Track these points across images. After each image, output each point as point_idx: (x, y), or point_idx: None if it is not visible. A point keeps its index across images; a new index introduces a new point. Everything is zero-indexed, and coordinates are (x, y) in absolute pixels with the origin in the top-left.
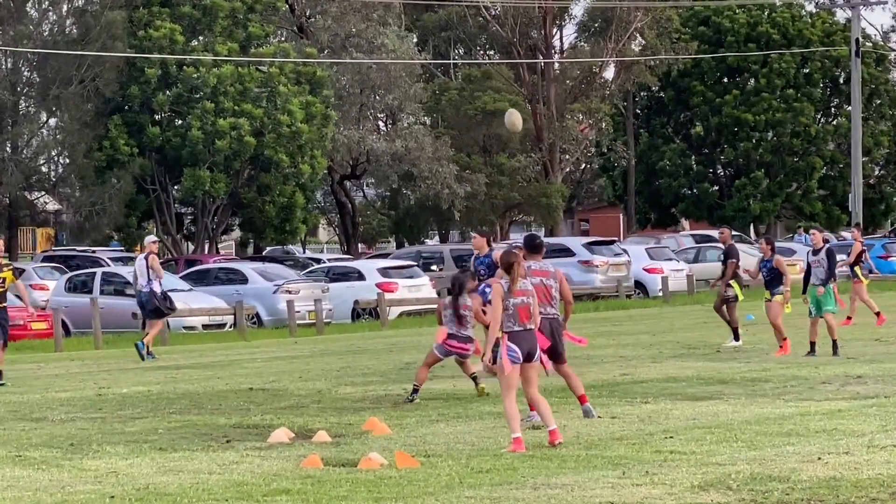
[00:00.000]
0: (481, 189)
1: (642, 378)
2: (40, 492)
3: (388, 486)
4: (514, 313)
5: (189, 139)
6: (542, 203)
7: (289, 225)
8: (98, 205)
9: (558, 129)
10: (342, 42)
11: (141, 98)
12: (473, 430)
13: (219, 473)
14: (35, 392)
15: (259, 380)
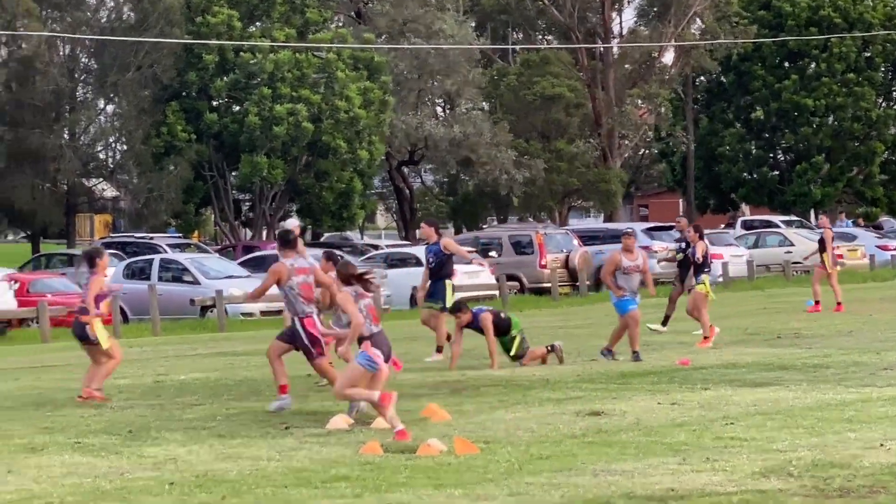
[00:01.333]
0: (540, 175)
1: (702, 364)
2: (99, 478)
3: (448, 473)
4: (367, 315)
5: (246, 125)
6: (601, 189)
7: (346, 211)
8: (156, 191)
9: (617, 115)
10: (400, 27)
11: (199, 84)
12: (533, 417)
13: (278, 460)
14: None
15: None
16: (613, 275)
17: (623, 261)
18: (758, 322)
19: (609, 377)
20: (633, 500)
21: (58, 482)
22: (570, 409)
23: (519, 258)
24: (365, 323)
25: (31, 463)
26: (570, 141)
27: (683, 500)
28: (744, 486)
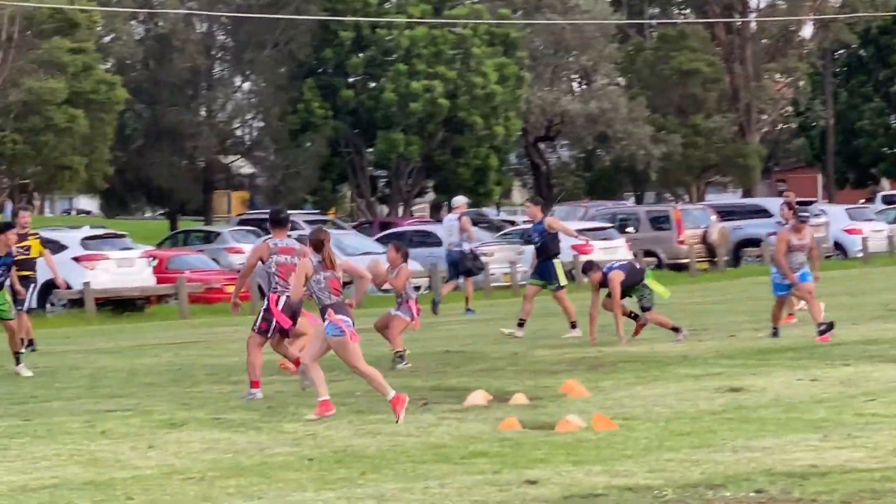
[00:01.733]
0: (677, 150)
1: (842, 340)
2: (239, 454)
3: (587, 449)
4: (326, 286)
5: (383, 101)
6: (739, 164)
7: (483, 187)
8: (292, 168)
9: (755, 89)
10: (536, 3)
11: (335, 61)
12: (671, 393)
13: (416, 436)
14: (232, 355)
15: (455, 342)
16: (785, 255)
17: (792, 239)
18: None
19: (747, 353)
20: (773, 476)
21: (198, 457)
22: (708, 385)
23: (656, 234)
24: (324, 295)
25: (172, 438)
26: (708, 116)
27: (824, 478)
28: (887, 463)
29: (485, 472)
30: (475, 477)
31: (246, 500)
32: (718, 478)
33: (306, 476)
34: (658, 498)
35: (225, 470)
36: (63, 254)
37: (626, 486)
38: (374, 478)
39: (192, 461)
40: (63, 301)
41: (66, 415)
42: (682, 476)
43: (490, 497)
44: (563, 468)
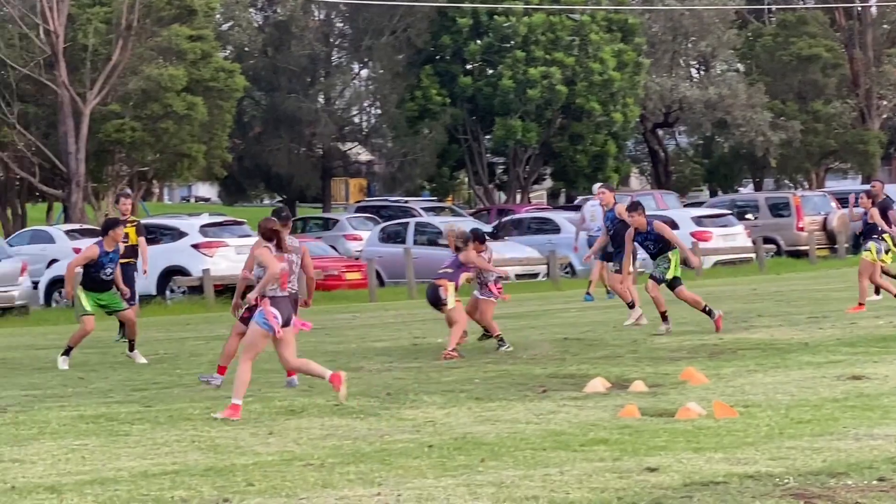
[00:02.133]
0: (796, 136)
1: None
2: (359, 441)
3: (707, 437)
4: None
5: (500, 88)
6: (859, 150)
7: (601, 174)
8: (410, 155)
9: (875, 75)
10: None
11: (453, 48)
12: (792, 381)
13: (535, 423)
14: (351, 342)
15: (573, 329)
16: None
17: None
18: None
19: (869, 341)
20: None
21: (318, 444)
22: (830, 372)
23: (776, 221)
24: (278, 276)
25: (292, 425)
26: (827, 101)
27: None
28: None
29: (604, 459)
30: (595, 464)
31: (366, 487)
32: (841, 466)
33: (426, 463)
34: (779, 486)
35: (345, 456)
36: (182, 241)
37: (747, 473)
38: (493, 465)
39: (312, 447)
40: (182, 288)
41: (186, 401)
42: (804, 464)
43: (610, 484)
44: (684, 455)
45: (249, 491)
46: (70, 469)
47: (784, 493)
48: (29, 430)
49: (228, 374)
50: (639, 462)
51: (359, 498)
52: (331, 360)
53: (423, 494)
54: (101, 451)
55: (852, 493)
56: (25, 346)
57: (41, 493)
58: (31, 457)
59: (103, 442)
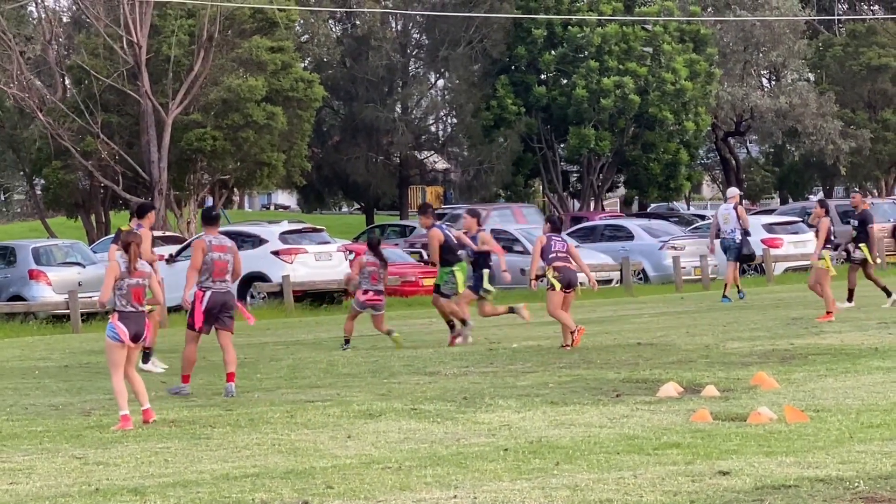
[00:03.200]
0: (866, 144)
1: None
2: (435, 444)
3: (778, 441)
4: (127, 293)
5: (574, 98)
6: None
7: (673, 182)
8: (486, 163)
9: None
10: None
11: (527, 58)
12: (863, 385)
13: (609, 427)
14: (428, 347)
15: (647, 335)
16: None
17: None
18: None
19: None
20: None
21: (395, 447)
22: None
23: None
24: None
25: (370, 429)
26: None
27: None
28: None
29: (677, 462)
30: (668, 468)
31: (443, 490)
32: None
33: (501, 466)
34: (850, 489)
35: (422, 459)
36: (262, 248)
37: (818, 477)
38: (568, 468)
39: (389, 451)
40: (263, 294)
41: (266, 405)
42: (874, 468)
43: (682, 487)
44: (755, 459)
45: (329, 493)
46: (153, 471)
47: (854, 497)
48: (112, 433)
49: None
50: (711, 466)
51: (435, 500)
52: (407, 364)
53: (499, 498)
54: (183, 453)
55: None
56: None
57: (124, 496)
58: (114, 459)
59: (185, 445)
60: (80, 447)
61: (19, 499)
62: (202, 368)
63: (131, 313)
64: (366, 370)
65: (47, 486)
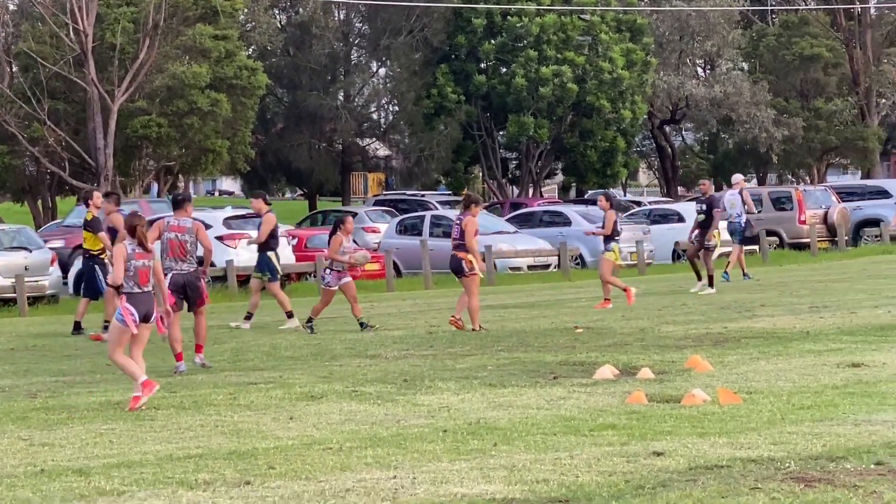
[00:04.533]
0: (798, 133)
1: None
2: (376, 425)
3: (712, 422)
4: (134, 275)
5: (513, 86)
6: (859, 146)
7: (610, 169)
8: (426, 150)
9: (875, 73)
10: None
11: (467, 47)
12: (794, 368)
13: (546, 409)
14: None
15: (583, 318)
16: None
17: None
18: None
19: (868, 330)
20: (894, 449)
21: (336, 429)
22: (830, 360)
23: (779, 214)
24: (123, 279)
25: (311, 410)
26: (828, 100)
27: None
28: None
29: (613, 443)
30: (604, 448)
31: (383, 470)
32: (840, 450)
33: (441, 447)
34: (781, 469)
35: (362, 440)
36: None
37: (750, 457)
38: (505, 449)
39: (330, 432)
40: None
41: (210, 387)
42: (805, 448)
43: (618, 468)
44: (689, 440)
45: (271, 474)
46: (98, 452)
47: (785, 477)
48: (58, 414)
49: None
50: (646, 446)
51: (376, 480)
52: (349, 347)
53: (438, 477)
54: (127, 435)
55: (851, 477)
56: (55, 334)
57: (70, 476)
58: (60, 441)
59: (130, 427)
60: (26, 429)
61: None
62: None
63: (139, 294)
64: (308, 353)
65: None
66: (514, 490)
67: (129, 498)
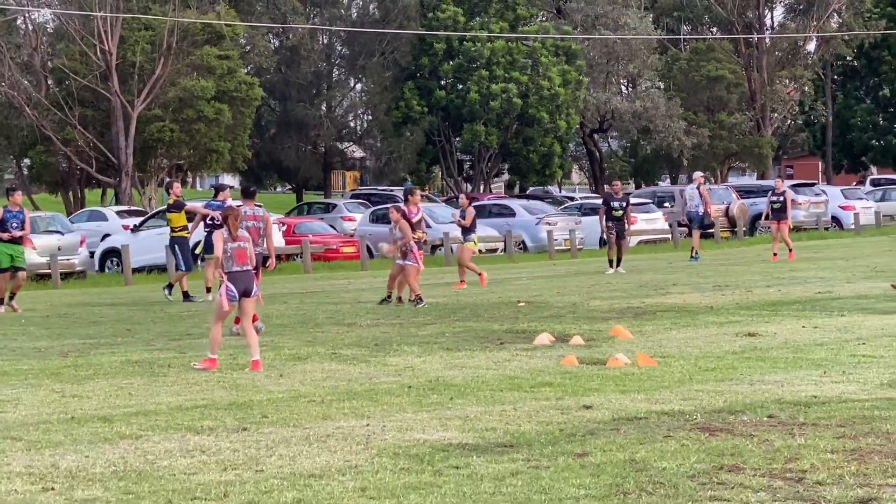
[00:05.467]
0: (705, 141)
1: (838, 295)
2: (352, 382)
3: (632, 381)
4: (232, 256)
5: (468, 100)
6: (755, 153)
7: (548, 169)
8: (395, 153)
9: (769, 92)
10: (592, 21)
11: (430, 67)
12: (700, 336)
13: (494, 369)
14: (346, 303)
15: (525, 294)
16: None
17: None
18: (885, 262)
19: (762, 305)
20: (783, 404)
21: (319, 384)
22: (730, 330)
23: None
24: (229, 263)
25: (298, 369)
26: (730, 113)
27: (824, 406)
28: (874, 395)
29: (549, 398)
30: (542, 402)
31: (358, 419)
32: (738, 405)
33: (406, 400)
34: (689, 420)
35: (341, 394)
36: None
37: (664, 410)
38: (460, 402)
39: (314, 387)
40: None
41: None
42: (709, 403)
43: (553, 419)
44: (613, 396)
45: (264, 422)
46: (119, 403)
47: (693, 427)
48: (86, 371)
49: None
50: (577, 401)
51: (351, 427)
52: (330, 316)
53: (404, 425)
54: (144, 388)
55: (747, 427)
56: (83, 304)
57: (95, 422)
58: (87, 393)
59: (146, 381)
60: (59, 382)
61: (8, 425)
62: (161, 318)
63: (238, 272)
64: (295, 321)
65: (31, 415)
66: (468, 437)
67: (146, 441)
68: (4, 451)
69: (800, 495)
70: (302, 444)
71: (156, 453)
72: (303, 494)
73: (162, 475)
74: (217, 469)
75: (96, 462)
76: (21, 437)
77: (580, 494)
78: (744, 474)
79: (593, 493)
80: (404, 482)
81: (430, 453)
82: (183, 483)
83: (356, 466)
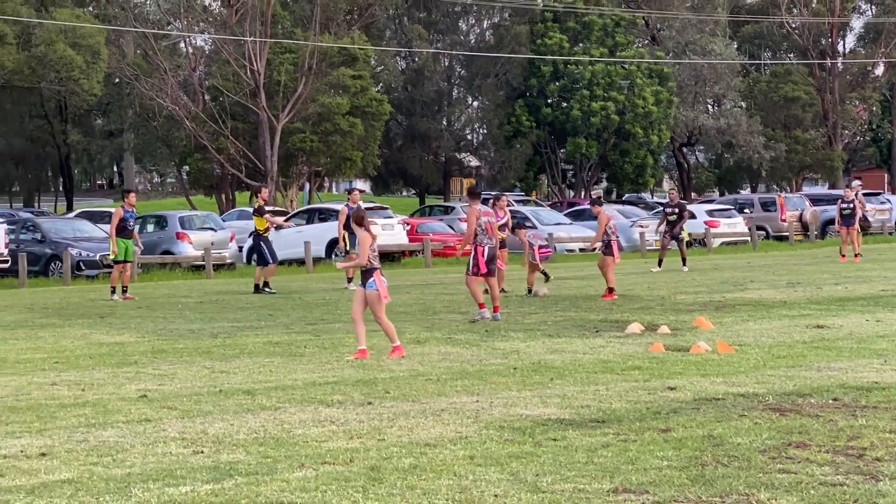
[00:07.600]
0: (782, 154)
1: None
2: (465, 363)
3: (711, 366)
4: (376, 255)
5: (571, 117)
6: (826, 165)
7: (641, 178)
8: (506, 162)
9: (840, 111)
10: (683, 47)
11: (538, 87)
12: (774, 328)
13: (590, 354)
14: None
15: (619, 288)
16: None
17: None
18: None
19: (830, 300)
20: (846, 389)
21: (436, 365)
22: (801, 323)
23: (766, 214)
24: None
25: (417, 351)
26: (805, 130)
27: (884, 391)
28: None
29: (638, 380)
30: (631, 384)
31: (469, 396)
32: (806, 389)
33: (511, 380)
34: (762, 402)
35: (454, 374)
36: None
37: (740, 392)
38: (559, 383)
39: (431, 367)
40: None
41: (344, 333)
42: (780, 387)
43: (641, 398)
44: (695, 379)
45: (386, 397)
46: (261, 378)
47: (765, 407)
48: (232, 350)
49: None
50: (662, 383)
51: (463, 403)
52: (446, 305)
53: (509, 402)
54: (283, 366)
55: (814, 409)
56: (232, 292)
57: (240, 395)
58: (233, 369)
59: (285, 360)
60: (209, 360)
61: (165, 396)
62: (299, 305)
63: (380, 269)
64: (416, 309)
65: (185, 388)
66: (565, 413)
67: (283, 412)
68: (161, 418)
69: (860, 470)
70: (419, 416)
71: (292, 423)
72: (419, 461)
73: (296, 442)
74: (344, 437)
75: (240, 429)
76: (176, 407)
77: (663, 465)
78: (810, 450)
79: (675, 464)
80: (508, 451)
81: (532, 427)
82: (314, 449)
83: (466, 437)
